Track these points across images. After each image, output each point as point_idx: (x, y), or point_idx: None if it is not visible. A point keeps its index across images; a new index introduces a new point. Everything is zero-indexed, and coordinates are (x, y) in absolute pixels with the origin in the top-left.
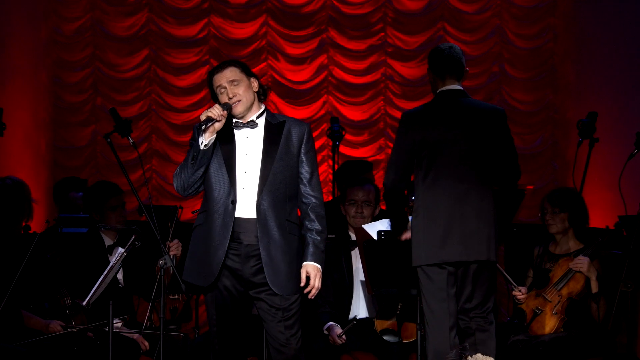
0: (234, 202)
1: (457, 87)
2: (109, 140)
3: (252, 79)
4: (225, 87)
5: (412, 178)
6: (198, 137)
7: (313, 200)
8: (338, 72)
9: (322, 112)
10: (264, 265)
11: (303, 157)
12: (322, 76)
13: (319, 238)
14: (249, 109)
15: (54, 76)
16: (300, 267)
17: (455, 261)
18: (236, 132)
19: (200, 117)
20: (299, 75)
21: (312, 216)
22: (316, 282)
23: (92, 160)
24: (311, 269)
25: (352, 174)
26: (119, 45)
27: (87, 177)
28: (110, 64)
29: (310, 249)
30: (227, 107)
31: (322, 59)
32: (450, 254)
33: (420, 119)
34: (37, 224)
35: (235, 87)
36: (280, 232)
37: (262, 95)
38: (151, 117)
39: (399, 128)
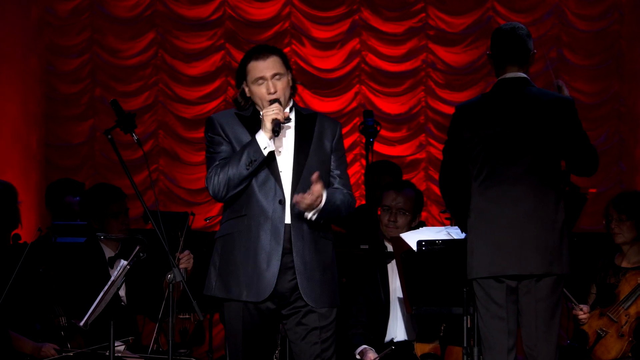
0: (282, 202)
1: (519, 74)
2: (109, 136)
3: (289, 73)
4: (266, 80)
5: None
6: (256, 140)
7: (345, 190)
8: (372, 59)
9: (354, 104)
10: (297, 273)
11: (333, 157)
12: (353, 63)
13: (346, 194)
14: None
15: (46, 63)
16: (334, 276)
17: (510, 274)
18: None
19: (266, 120)
20: (328, 62)
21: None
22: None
23: (90, 160)
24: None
25: (380, 177)
26: (120, 28)
27: (85, 179)
28: (111, 49)
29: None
30: (280, 104)
31: (353, 44)
32: (503, 266)
33: (474, 112)
34: (27, 233)
35: (278, 82)
36: (314, 235)
37: (293, 90)
38: (158, 111)
39: (451, 123)
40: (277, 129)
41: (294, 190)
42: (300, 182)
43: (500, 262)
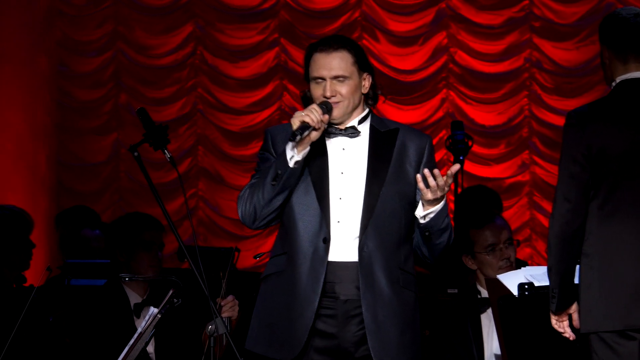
0: (326, 241)
1: None
2: (136, 154)
3: (365, 75)
4: (325, 80)
5: None
6: (285, 150)
7: None
8: (463, 57)
9: (440, 114)
10: (367, 331)
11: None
12: (439, 63)
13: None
14: (349, 114)
15: (58, 63)
16: (416, 335)
17: None
18: (327, 141)
19: (292, 121)
20: (407, 61)
21: None
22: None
23: (113, 183)
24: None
25: (473, 208)
26: (151, 20)
27: (106, 208)
28: (139, 45)
29: None
30: (329, 108)
31: (439, 39)
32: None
33: (599, 120)
34: (34, 273)
35: (340, 85)
36: (390, 286)
37: (370, 100)
38: (197, 122)
39: (567, 134)
40: (297, 134)
41: (364, 228)
42: (373, 218)
43: (636, 311)
